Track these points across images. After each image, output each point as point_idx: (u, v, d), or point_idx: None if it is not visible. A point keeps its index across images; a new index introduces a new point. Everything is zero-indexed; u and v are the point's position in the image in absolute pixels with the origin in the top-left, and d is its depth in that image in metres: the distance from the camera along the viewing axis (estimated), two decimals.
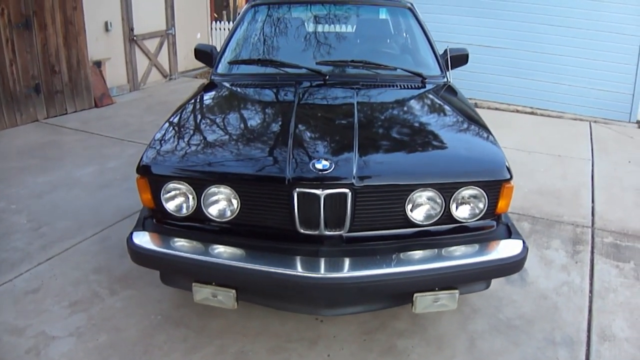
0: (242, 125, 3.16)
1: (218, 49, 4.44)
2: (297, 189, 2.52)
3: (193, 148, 2.87)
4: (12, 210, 4.55)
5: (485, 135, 3.08)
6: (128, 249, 2.74)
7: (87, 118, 7.36)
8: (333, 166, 2.55)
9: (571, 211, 4.82)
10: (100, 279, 3.59)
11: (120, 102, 8.25)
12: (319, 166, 2.54)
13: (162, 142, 2.95)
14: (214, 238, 2.72)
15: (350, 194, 2.53)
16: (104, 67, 8.23)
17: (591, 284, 3.69)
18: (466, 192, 2.69)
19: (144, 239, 2.74)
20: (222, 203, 2.69)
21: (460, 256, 2.64)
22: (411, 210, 2.67)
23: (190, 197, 2.71)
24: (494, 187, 2.72)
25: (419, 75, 3.92)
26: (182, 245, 2.67)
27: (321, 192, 2.51)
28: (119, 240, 4.04)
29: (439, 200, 2.67)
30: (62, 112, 7.45)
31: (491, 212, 2.78)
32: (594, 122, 7.90)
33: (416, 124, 3.22)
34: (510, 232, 2.84)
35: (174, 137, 3.03)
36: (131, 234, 2.77)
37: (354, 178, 2.52)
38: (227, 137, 3.00)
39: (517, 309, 3.37)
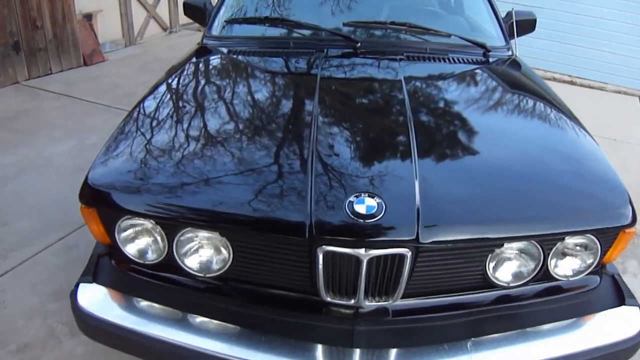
0: (236, 126, 2.16)
1: (214, 3, 3.39)
2: (324, 247, 1.61)
3: (161, 164, 1.90)
4: None
5: (594, 151, 2.15)
6: (73, 311, 1.84)
7: (74, 79, 6.38)
8: (384, 209, 1.63)
9: None
10: (59, 310, 2.73)
11: (112, 60, 7.24)
12: (360, 209, 1.63)
13: (118, 152, 2.01)
14: (198, 301, 1.84)
15: (410, 254, 1.62)
16: (95, 20, 7.21)
17: None
18: (571, 240, 1.80)
19: (94, 299, 1.84)
20: (205, 251, 1.80)
21: (557, 341, 1.79)
22: (494, 269, 1.79)
23: (159, 238, 1.81)
24: (611, 233, 1.82)
25: (481, 46, 2.89)
26: (150, 313, 1.80)
27: (364, 254, 1.60)
28: (87, 250, 3.11)
29: (535, 254, 1.78)
30: (46, 72, 6.45)
31: (598, 264, 1.89)
32: None
33: (497, 130, 2.26)
34: (619, 292, 1.94)
35: (137, 144, 2.05)
36: (77, 286, 1.91)
37: (418, 230, 1.61)
38: (213, 146, 2.00)
39: None
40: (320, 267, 1.64)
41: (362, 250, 1.59)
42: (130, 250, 1.85)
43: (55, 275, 2.99)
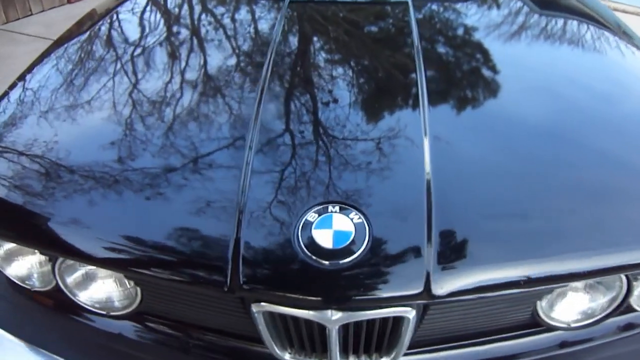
0: (142, 97, 1.43)
1: None
2: (262, 305, 1.01)
3: (36, 167, 1.24)
4: None
5: None
6: None
7: (54, 20, 5.66)
8: (366, 237, 0.99)
9: None
10: None
11: None
12: (322, 238, 0.98)
13: None
14: (111, 344, 1.26)
15: (414, 314, 1.00)
16: None
17: None
18: None
19: None
20: (100, 284, 1.21)
21: None
22: (549, 307, 1.16)
23: (42, 259, 1.25)
24: None
25: None
26: None
27: (332, 321, 0.98)
28: None
29: (616, 285, 1.15)
30: (25, 13, 5.74)
31: None
32: None
33: (552, 81, 1.51)
34: None
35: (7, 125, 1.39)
36: None
37: (429, 276, 0.97)
38: (100, 134, 1.31)
39: None
40: (262, 327, 1.03)
41: (327, 314, 0.93)
42: (12, 272, 1.28)
43: None
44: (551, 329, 1.19)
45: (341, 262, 0.95)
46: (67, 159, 1.22)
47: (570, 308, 1.17)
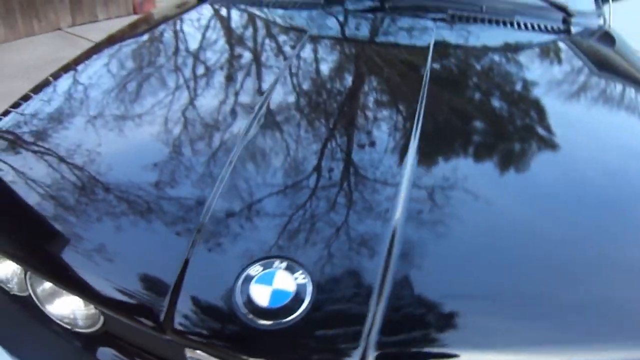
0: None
1: None
2: (198, 354, 0.94)
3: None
4: None
5: None
6: None
7: (118, 28, 5.79)
8: (305, 306, 0.89)
9: None
10: None
11: (163, 7, 6.59)
12: (259, 294, 0.91)
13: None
14: None
15: None
16: None
17: None
18: None
19: None
20: (66, 300, 1.16)
21: None
22: None
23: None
24: None
25: (561, 8, 2.03)
26: None
27: None
28: None
29: None
30: (92, 19, 5.92)
31: None
32: None
33: (580, 149, 1.38)
34: None
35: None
36: None
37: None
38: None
39: None
40: None
41: None
42: None
43: None
44: None
45: (273, 322, 0.88)
46: None
47: None
